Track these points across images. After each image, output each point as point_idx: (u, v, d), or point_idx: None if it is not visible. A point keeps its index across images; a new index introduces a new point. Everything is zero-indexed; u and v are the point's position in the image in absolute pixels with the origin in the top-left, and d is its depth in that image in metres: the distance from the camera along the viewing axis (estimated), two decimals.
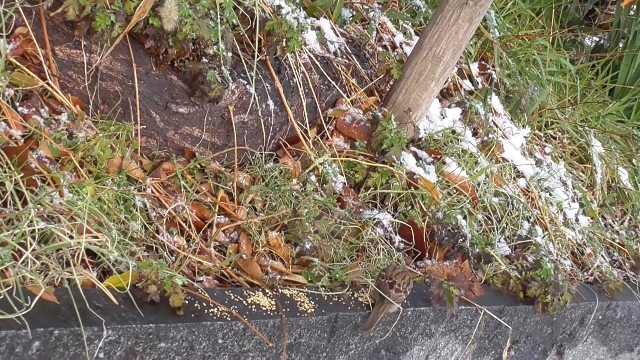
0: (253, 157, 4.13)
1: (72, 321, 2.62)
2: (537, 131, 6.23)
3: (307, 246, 3.77)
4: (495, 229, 4.83)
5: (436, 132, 5.04)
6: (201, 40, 3.75)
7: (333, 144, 4.44)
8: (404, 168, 4.51)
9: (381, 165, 4.44)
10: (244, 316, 3.13)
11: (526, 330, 4.60)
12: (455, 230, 4.43)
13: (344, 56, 4.85)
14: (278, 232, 3.78)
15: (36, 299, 2.55)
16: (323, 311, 3.45)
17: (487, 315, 4.22)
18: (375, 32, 5.22)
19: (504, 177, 5.28)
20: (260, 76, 4.13)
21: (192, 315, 2.99)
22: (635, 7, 8.33)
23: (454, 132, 5.16)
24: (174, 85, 3.79)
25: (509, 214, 5.03)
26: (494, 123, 5.66)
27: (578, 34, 8.13)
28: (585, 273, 5.31)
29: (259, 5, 4.14)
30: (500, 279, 4.48)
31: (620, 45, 8.26)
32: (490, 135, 5.42)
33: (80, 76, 3.52)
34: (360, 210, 4.23)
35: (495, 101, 5.78)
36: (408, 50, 5.20)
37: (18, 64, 3.33)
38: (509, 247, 4.81)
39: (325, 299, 3.53)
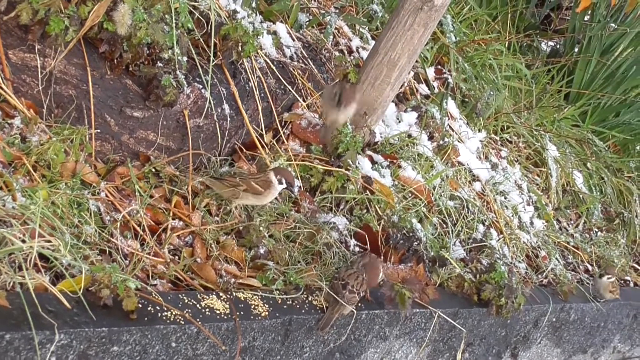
0: (208, 161, 4.14)
1: (24, 325, 2.62)
2: (492, 135, 6.28)
3: (262, 250, 3.78)
4: (451, 232, 4.87)
5: (392, 136, 5.06)
6: (156, 45, 3.75)
7: (289, 147, 4.46)
8: (359, 172, 4.53)
9: (337, 169, 4.46)
10: (198, 320, 3.14)
11: (480, 332, 4.63)
12: (411, 234, 4.46)
13: (300, 60, 4.86)
14: (232, 236, 3.80)
15: None
16: (277, 314, 3.47)
17: (441, 318, 4.25)
18: (331, 37, 5.25)
19: (459, 181, 5.32)
20: (215, 80, 4.14)
21: (146, 318, 2.99)
22: (590, 12, 8.41)
23: (410, 136, 5.19)
24: (128, 90, 3.79)
25: (464, 217, 5.06)
26: (450, 127, 5.70)
27: (534, 39, 8.20)
28: (539, 276, 5.36)
29: (214, 9, 4.15)
30: (454, 282, 4.52)
31: (576, 50, 8.35)
32: (446, 139, 5.46)
33: (34, 80, 3.51)
34: (316, 214, 4.24)
35: (451, 105, 5.82)
36: (365, 54, 5.22)
37: None
38: (464, 250, 4.84)
39: (279, 302, 3.54)
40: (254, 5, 4.64)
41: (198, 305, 3.22)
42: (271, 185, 3.85)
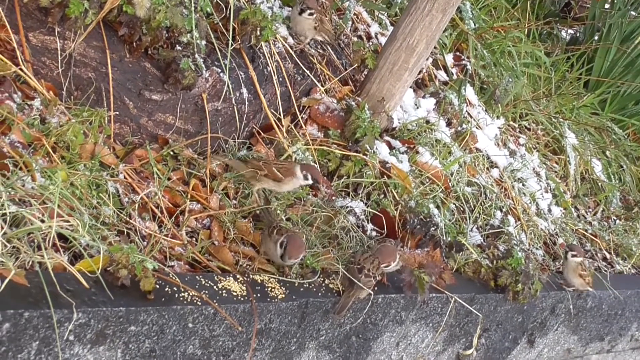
0: (226, 145, 4.15)
1: (42, 304, 2.65)
2: (511, 122, 6.27)
3: None
4: (468, 218, 4.87)
5: (410, 122, 5.07)
6: (175, 28, 3.76)
7: (306, 132, 4.47)
8: (377, 157, 4.54)
9: (354, 154, 4.47)
10: (215, 301, 3.16)
11: (497, 318, 4.64)
12: (428, 219, 4.47)
13: (319, 46, 4.87)
14: (250, 219, 3.82)
15: (6, 281, 2.58)
16: (294, 297, 3.49)
17: (457, 303, 4.26)
18: (350, 23, 5.25)
19: (477, 167, 5.32)
20: (234, 64, 4.15)
21: (163, 299, 3.02)
22: (610, 0, 8.39)
23: (427, 122, 5.19)
24: (147, 73, 3.80)
25: (482, 203, 5.07)
26: (468, 114, 5.70)
27: (553, 27, 8.18)
28: (556, 263, 5.35)
29: None
30: (471, 268, 4.53)
31: (596, 38, 8.32)
32: (464, 126, 5.46)
33: (54, 62, 3.53)
34: (333, 198, 4.26)
35: (469, 92, 5.81)
36: (383, 40, 5.22)
37: None
38: (481, 236, 4.85)
39: (296, 285, 3.56)
40: None
41: (215, 287, 3.24)
42: (294, 176, 3.86)
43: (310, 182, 3.91)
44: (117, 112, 3.71)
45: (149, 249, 3.29)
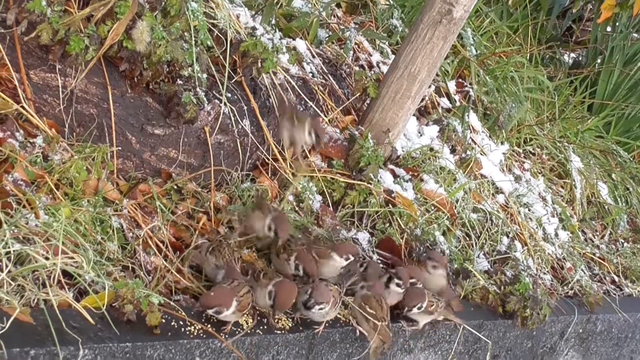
0: (230, 177, 4.15)
1: (48, 341, 2.64)
2: (515, 147, 6.27)
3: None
4: (474, 244, 4.86)
5: (414, 150, 5.06)
6: (176, 62, 3.78)
7: (310, 162, 4.46)
8: (381, 186, 4.54)
9: (359, 182, 4.46)
10: (221, 334, 3.15)
11: (506, 344, 4.62)
12: (434, 247, 4.46)
13: (321, 76, 4.87)
14: (253, 249, 3.81)
15: (11, 319, 2.58)
16: (300, 328, 3.48)
17: (466, 330, 4.25)
18: (351, 52, 5.25)
19: (482, 194, 5.31)
20: (236, 97, 4.16)
21: (169, 333, 3.01)
22: (611, 23, 8.40)
23: (431, 149, 5.19)
24: (149, 107, 3.81)
25: (488, 229, 5.05)
26: (472, 140, 5.70)
27: (556, 51, 8.19)
28: (565, 287, 5.33)
29: (233, 27, 4.17)
30: (479, 294, 4.51)
31: (598, 61, 8.33)
32: (469, 152, 5.46)
33: (56, 99, 3.54)
34: (338, 227, 4.25)
35: (473, 118, 5.81)
36: (385, 69, 5.22)
37: None
38: (488, 262, 4.84)
39: (302, 316, 3.55)
40: (273, 22, 4.66)
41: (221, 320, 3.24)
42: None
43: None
44: (120, 148, 3.72)
45: (154, 284, 3.28)
